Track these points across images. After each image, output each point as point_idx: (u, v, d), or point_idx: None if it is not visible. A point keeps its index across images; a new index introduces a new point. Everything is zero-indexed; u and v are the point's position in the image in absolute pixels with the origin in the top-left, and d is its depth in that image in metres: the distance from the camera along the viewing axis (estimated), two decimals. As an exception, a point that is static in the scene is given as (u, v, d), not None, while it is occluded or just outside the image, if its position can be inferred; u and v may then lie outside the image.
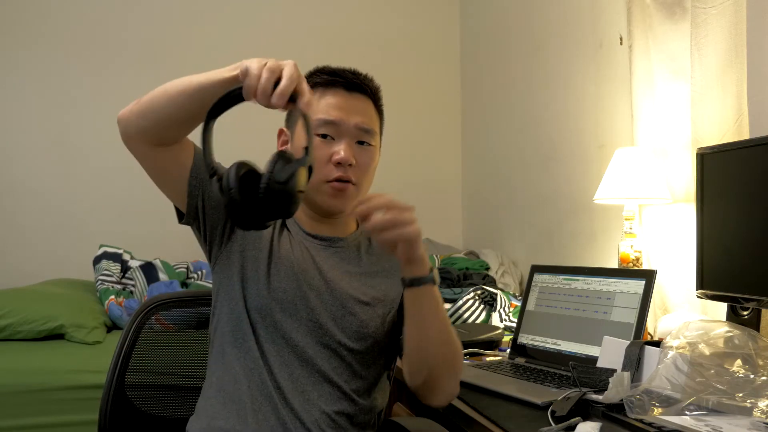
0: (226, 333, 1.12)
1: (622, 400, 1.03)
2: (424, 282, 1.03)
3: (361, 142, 1.16)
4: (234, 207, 0.88)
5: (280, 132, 1.19)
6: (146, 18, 3.19)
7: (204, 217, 1.12)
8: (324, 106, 1.15)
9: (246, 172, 0.89)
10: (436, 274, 1.04)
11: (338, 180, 1.13)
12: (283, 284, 1.12)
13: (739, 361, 1.06)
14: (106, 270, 2.62)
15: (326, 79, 1.17)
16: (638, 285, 1.35)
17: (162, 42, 3.19)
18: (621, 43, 2.17)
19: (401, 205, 0.98)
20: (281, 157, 0.91)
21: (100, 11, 3.13)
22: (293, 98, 0.91)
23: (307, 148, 0.94)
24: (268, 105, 0.91)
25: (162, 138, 1.05)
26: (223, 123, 0.99)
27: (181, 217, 1.14)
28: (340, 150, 1.12)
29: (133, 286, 2.60)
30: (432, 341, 1.06)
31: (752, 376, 1.02)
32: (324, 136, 1.14)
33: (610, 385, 1.06)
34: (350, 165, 1.13)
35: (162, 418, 1.32)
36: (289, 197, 0.89)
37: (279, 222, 1.19)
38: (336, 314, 1.13)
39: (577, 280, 1.49)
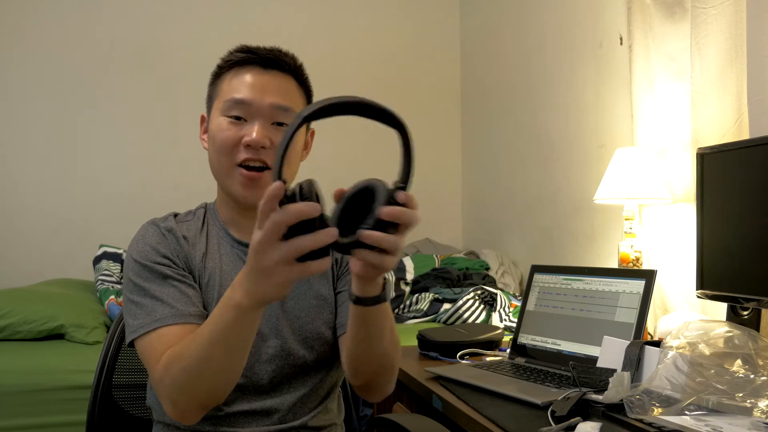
0: None
1: (622, 400, 1.03)
2: (377, 302, 0.86)
3: (280, 124, 1.03)
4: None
5: (203, 118, 1.11)
6: (147, 20, 3.19)
7: None
8: (236, 84, 1.03)
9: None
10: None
11: (249, 166, 1.01)
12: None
13: (739, 361, 1.05)
14: (106, 270, 2.62)
15: (240, 57, 1.05)
16: (638, 285, 1.35)
17: (162, 43, 3.19)
18: (621, 43, 2.17)
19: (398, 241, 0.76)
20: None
21: (100, 14, 3.13)
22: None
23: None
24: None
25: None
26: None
27: None
28: (252, 131, 1.00)
29: (133, 286, 2.60)
30: (376, 355, 0.96)
31: (752, 376, 1.02)
32: (236, 118, 1.02)
33: (610, 385, 1.06)
34: (263, 147, 1.01)
35: (149, 420, 1.31)
36: None
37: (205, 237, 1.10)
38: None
39: (577, 280, 1.49)
